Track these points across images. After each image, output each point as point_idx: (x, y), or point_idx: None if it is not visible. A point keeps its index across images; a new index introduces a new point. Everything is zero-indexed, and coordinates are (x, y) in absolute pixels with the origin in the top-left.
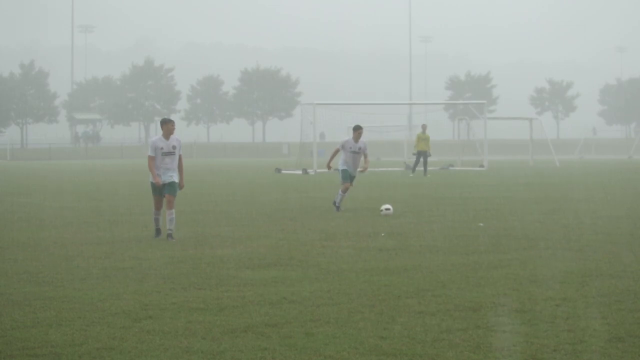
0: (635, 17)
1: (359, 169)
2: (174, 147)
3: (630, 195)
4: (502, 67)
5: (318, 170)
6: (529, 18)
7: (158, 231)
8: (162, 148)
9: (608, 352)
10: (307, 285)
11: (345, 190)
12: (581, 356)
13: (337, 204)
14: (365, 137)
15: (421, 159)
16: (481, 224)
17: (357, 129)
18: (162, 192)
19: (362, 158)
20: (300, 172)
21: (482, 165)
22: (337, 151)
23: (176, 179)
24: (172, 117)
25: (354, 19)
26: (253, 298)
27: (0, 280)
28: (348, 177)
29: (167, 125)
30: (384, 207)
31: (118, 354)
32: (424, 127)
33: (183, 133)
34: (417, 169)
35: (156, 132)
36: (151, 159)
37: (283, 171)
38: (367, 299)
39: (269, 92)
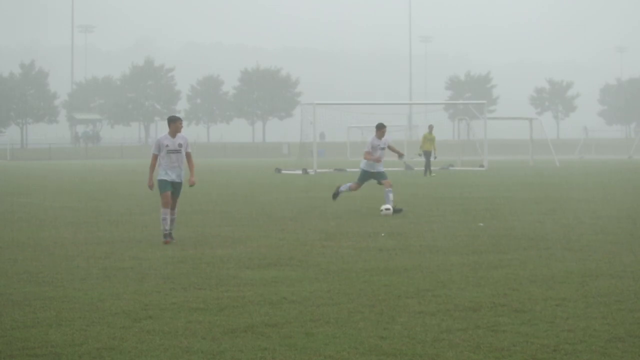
0: (635, 17)
1: (403, 159)
2: (179, 145)
3: (630, 195)
4: (502, 67)
5: (318, 170)
6: (529, 18)
7: (167, 235)
8: (167, 145)
9: (608, 352)
10: (307, 285)
11: (354, 189)
12: (581, 356)
13: (339, 190)
14: (364, 137)
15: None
16: (481, 224)
17: (382, 128)
18: (167, 189)
19: (390, 151)
20: (300, 172)
21: (482, 165)
22: (369, 154)
23: (182, 180)
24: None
25: (354, 19)
26: (253, 298)
27: (0, 280)
28: (365, 179)
29: (175, 124)
30: (383, 207)
31: (118, 354)
32: (430, 127)
33: (183, 133)
34: (428, 167)
35: (157, 132)
36: (154, 157)
37: (283, 171)
38: (367, 299)
39: (269, 92)
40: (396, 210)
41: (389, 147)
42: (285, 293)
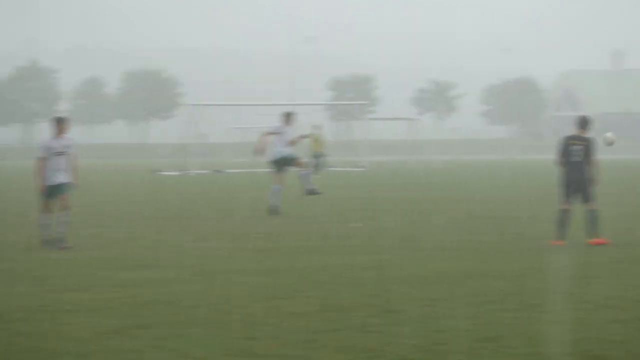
0: (518, 14)
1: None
2: (65, 147)
3: (500, 194)
4: (388, 70)
5: (197, 172)
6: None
7: (48, 242)
8: (53, 148)
9: (478, 353)
10: (180, 286)
11: (278, 183)
12: (451, 357)
13: (272, 203)
14: (247, 138)
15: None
16: (359, 225)
17: (288, 115)
18: (53, 195)
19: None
20: (179, 173)
21: (361, 166)
22: (265, 136)
23: (68, 180)
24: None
25: (244, 18)
26: (125, 299)
27: None
28: (277, 168)
29: (61, 125)
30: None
31: None
32: (315, 127)
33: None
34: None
35: (40, 133)
36: (41, 160)
37: (163, 172)
38: (239, 300)
39: (151, 93)
40: (310, 191)
41: (296, 138)
42: (157, 294)
